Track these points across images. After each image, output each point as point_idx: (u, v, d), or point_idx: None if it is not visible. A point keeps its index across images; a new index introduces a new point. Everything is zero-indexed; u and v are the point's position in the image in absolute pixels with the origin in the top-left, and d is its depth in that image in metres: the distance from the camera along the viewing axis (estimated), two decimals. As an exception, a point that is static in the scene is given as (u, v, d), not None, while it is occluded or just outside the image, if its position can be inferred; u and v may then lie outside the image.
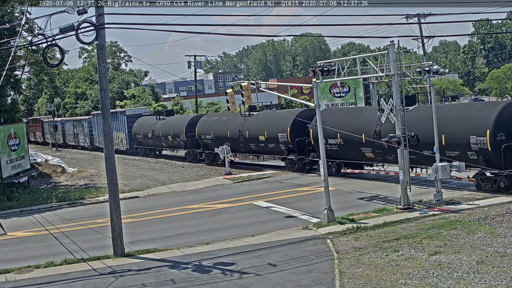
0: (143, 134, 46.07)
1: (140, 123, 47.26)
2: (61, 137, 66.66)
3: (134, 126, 47.37)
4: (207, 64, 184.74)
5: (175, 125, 41.44)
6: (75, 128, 62.45)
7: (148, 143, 46.10)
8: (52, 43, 15.66)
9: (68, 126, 65.06)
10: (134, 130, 47.42)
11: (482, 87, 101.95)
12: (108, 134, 16.48)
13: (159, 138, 43.34)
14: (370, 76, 23.12)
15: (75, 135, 62.49)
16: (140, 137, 46.87)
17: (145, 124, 46.14)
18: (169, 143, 42.72)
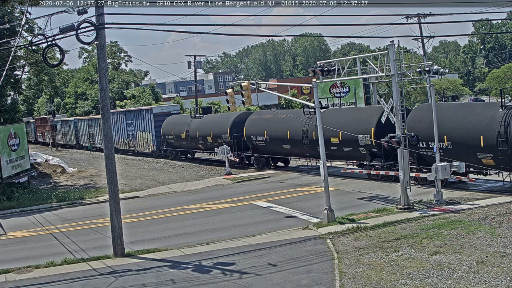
0: (174, 135, 40.81)
1: (170, 122, 42.10)
2: (74, 137, 62.09)
3: (164, 126, 42.20)
4: (207, 64, 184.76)
5: (216, 124, 36.41)
6: (90, 128, 57.27)
7: (181, 144, 40.98)
8: (52, 43, 15.65)
9: (82, 126, 59.94)
10: (163, 130, 42.21)
11: (482, 87, 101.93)
12: (108, 134, 16.49)
13: (195, 139, 38.32)
14: (370, 76, 23.15)
15: (90, 136, 57.46)
16: (170, 138, 41.55)
17: (177, 124, 41.09)
18: (207, 145, 37.33)
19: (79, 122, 61.18)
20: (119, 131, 49.39)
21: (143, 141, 45.43)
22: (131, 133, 47.14)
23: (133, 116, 46.81)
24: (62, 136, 66.26)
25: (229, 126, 34.54)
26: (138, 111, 46.08)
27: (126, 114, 48.28)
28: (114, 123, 48.93)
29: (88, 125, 57.62)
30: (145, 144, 45.30)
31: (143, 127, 45.18)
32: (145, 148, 45.45)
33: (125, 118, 48.08)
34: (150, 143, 44.49)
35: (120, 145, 49.30)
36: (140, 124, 45.38)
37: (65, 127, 65.12)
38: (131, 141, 47.34)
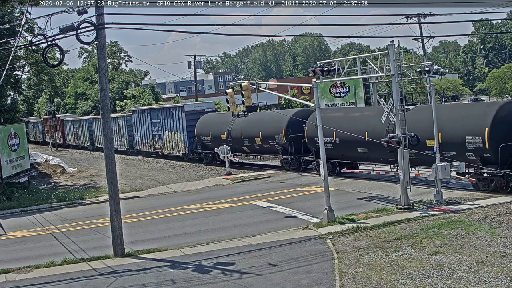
0: (212, 136, 36.10)
1: (206, 121, 37.44)
2: (88, 138, 57.95)
3: (198, 126, 37.65)
4: (207, 64, 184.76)
5: (267, 124, 31.90)
6: None
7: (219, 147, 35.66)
8: (52, 43, 15.66)
9: (98, 126, 54.49)
10: (198, 131, 37.61)
11: (482, 87, 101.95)
12: (108, 134, 16.48)
13: (239, 141, 33.93)
14: (370, 76, 23.16)
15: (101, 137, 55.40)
16: (207, 139, 36.77)
17: (216, 123, 36.45)
18: (255, 148, 33.14)
19: (94, 122, 56.38)
20: (142, 132, 45.28)
21: (172, 142, 40.85)
22: (157, 133, 42.76)
23: (160, 115, 42.06)
24: (74, 137, 62.16)
25: (285, 126, 30.22)
26: (167, 109, 41.80)
27: (152, 113, 43.81)
28: (136, 123, 45.87)
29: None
30: (174, 146, 40.65)
31: (172, 127, 40.54)
32: (175, 150, 40.78)
33: (149, 117, 43.75)
34: (180, 144, 39.87)
35: (144, 147, 45.48)
36: (168, 123, 40.90)
37: (78, 127, 61.01)
38: (157, 142, 43.07)
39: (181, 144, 39.69)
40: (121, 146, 49.96)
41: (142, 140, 45.39)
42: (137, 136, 46.45)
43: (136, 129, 46.28)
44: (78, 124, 60.68)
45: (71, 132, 62.57)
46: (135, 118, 46.35)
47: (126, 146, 49.06)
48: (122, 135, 49.62)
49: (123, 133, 49.26)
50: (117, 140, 50.06)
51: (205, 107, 40.57)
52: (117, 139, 49.86)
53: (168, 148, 41.42)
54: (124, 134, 48.95)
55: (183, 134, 39.21)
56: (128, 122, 47.99)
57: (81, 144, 60.02)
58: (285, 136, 30.13)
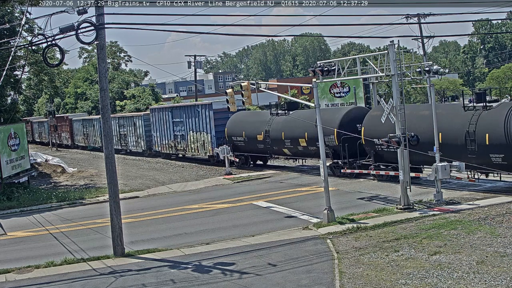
0: (246, 136, 32.78)
1: (239, 120, 34.01)
2: (99, 139, 53.29)
3: (229, 125, 34.22)
4: (207, 64, 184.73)
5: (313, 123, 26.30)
6: (121, 128, 48.91)
7: (255, 148, 32.82)
8: (52, 43, 15.67)
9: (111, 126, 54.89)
10: (228, 130, 34.20)
11: (482, 87, 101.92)
12: (108, 134, 16.49)
13: (279, 142, 30.50)
14: (370, 76, 23.18)
15: (121, 137, 49.47)
16: (239, 140, 33.43)
17: (251, 122, 33.03)
18: (298, 150, 29.50)
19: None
20: (162, 132, 42.01)
21: (197, 143, 37.46)
22: (179, 133, 39.62)
23: (184, 113, 38.65)
24: (83, 138, 58.59)
25: (337, 125, 26.71)
26: (191, 107, 38.51)
27: (173, 111, 40.43)
28: (156, 122, 42.62)
29: (119, 125, 49.24)
30: (200, 148, 37.28)
31: (197, 127, 37.29)
32: (200, 152, 37.46)
33: (171, 116, 40.38)
34: (207, 146, 36.25)
35: (164, 148, 42.08)
36: (193, 122, 37.63)
37: (88, 127, 57.21)
38: (179, 143, 39.81)
39: (208, 146, 36.25)
40: (137, 147, 46.61)
41: (162, 141, 42.14)
42: (155, 137, 43.13)
43: (155, 129, 43.01)
44: (89, 124, 56.87)
45: (81, 133, 59.25)
46: (154, 117, 42.82)
47: (143, 147, 45.57)
48: (139, 135, 46.00)
49: (140, 133, 45.70)
50: (133, 141, 46.96)
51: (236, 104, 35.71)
52: (132, 140, 47.00)
53: (193, 149, 38.03)
54: (141, 134, 45.50)
55: (211, 135, 35.86)
56: (145, 122, 44.57)
57: (91, 145, 56.43)
58: (336, 138, 26.69)
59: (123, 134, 48.78)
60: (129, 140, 47.74)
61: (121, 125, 48.95)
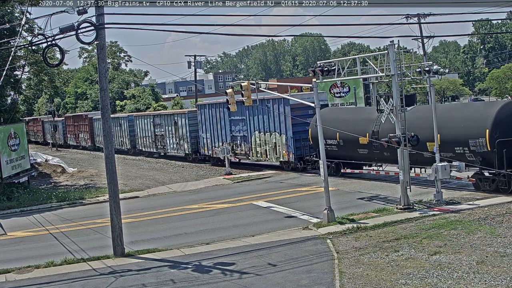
0: (342, 139, 26.37)
1: (329, 118, 27.10)
2: (127, 140, 49.06)
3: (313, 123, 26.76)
4: (207, 64, 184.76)
5: (451, 123, 21.85)
6: (157, 128, 43.36)
7: (356, 154, 26.10)
8: (52, 43, 15.67)
9: (141, 125, 46.00)
10: (314, 131, 26.58)
11: (482, 87, 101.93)
12: (108, 134, 16.49)
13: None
14: (370, 76, 23.09)
15: (156, 139, 43.66)
16: (331, 143, 26.95)
17: (348, 121, 26.51)
18: (424, 157, 22.11)
19: (138, 120, 47.08)
20: (214, 132, 36.13)
21: (265, 146, 31.53)
22: (239, 134, 33.89)
23: (246, 110, 32.75)
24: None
25: (489, 126, 20.38)
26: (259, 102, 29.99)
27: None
28: (205, 121, 36.87)
29: (154, 124, 43.82)
30: (269, 152, 31.38)
31: (266, 126, 31.33)
32: (270, 157, 31.54)
33: (228, 113, 34.18)
34: (281, 149, 30.41)
35: (215, 153, 36.12)
36: (260, 121, 31.67)
37: (113, 127, 49.59)
38: (238, 146, 34.08)
39: (281, 149, 30.32)
40: (179, 150, 40.74)
41: (213, 143, 36.31)
42: (205, 138, 37.17)
43: (205, 129, 37.05)
44: (115, 123, 50.00)
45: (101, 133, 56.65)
46: (203, 115, 36.85)
47: (186, 150, 39.39)
48: (181, 136, 39.84)
49: (183, 134, 39.61)
50: (173, 143, 41.00)
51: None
52: (172, 142, 41.13)
53: (259, 153, 32.20)
54: (184, 135, 39.38)
55: (287, 136, 29.86)
56: (191, 120, 38.55)
57: (117, 147, 50.20)
58: (488, 141, 20.29)
59: (160, 135, 42.99)
60: (167, 142, 41.74)
61: (157, 125, 43.29)
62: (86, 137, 57.66)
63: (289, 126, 29.79)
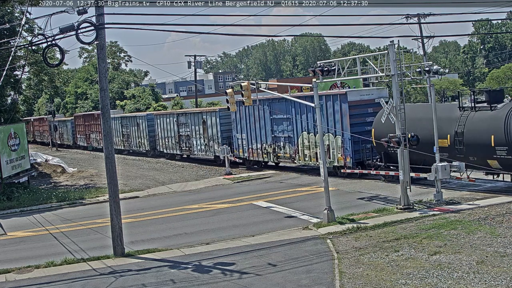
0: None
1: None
2: (146, 142, 44.86)
3: (380, 123, 22.75)
4: (207, 64, 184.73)
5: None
6: (181, 128, 39.68)
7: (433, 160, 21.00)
8: (52, 43, 15.68)
9: (164, 125, 41.97)
10: (378, 132, 24.09)
11: (482, 87, 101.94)
12: (108, 134, 16.49)
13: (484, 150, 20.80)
14: (370, 76, 23.12)
15: (180, 139, 39.85)
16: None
17: (422, 120, 23.01)
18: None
19: (159, 119, 43.02)
20: (252, 132, 32.70)
21: (316, 149, 27.79)
22: (283, 135, 30.35)
23: (292, 107, 29.13)
24: (122, 140, 49.42)
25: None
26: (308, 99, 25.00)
27: (274, 104, 30.86)
28: (240, 119, 33.59)
29: (178, 123, 39.92)
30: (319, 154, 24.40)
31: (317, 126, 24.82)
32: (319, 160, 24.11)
33: (269, 111, 31.09)
34: (335, 153, 26.77)
35: (254, 154, 32.77)
36: (310, 120, 28.17)
37: (130, 127, 47.82)
38: (282, 148, 30.57)
39: (336, 152, 26.79)
40: (207, 152, 37.14)
41: (251, 144, 32.95)
42: (240, 139, 33.80)
43: (240, 129, 33.69)
44: (131, 123, 47.22)
45: (118, 133, 49.50)
46: (238, 113, 33.50)
47: (216, 152, 35.74)
48: (210, 137, 36.33)
49: (212, 134, 36.10)
50: (200, 144, 37.51)
51: (375, 95, 26.49)
52: (199, 143, 37.60)
53: (307, 156, 28.74)
54: (214, 135, 35.93)
55: (343, 137, 26.33)
56: (223, 119, 35.27)
57: (134, 148, 47.38)
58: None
59: (185, 135, 39.27)
60: (194, 143, 38.27)
61: (181, 124, 39.66)
62: (98, 137, 53.05)
63: (347, 126, 26.08)
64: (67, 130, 63.85)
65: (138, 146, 46.87)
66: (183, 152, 40.50)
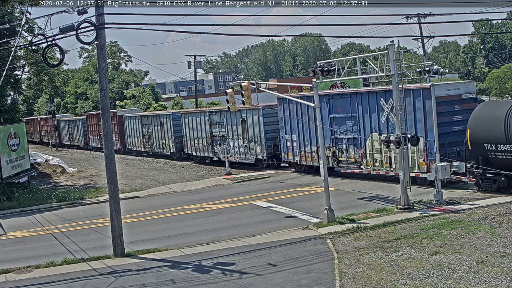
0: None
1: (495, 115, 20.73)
2: (170, 142, 41.43)
3: (475, 123, 21.04)
4: (207, 64, 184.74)
5: None
6: (214, 127, 35.93)
7: None
8: (52, 43, 15.69)
9: (191, 124, 38.45)
10: (474, 133, 21.00)
11: (482, 87, 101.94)
12: (108, 134, 16.50)
13: None
14: (370, 76, 23.15)
15: (213, 140, 36.13)
16: (503, 150, 20.21)
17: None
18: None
19: (187, 118, 39.19)
20: (305, 133, 28.98)
21: (389, 153, 23.98)
22: (346, 137, 26.45)
23: (357, 105, 25.53)
24: (140, 140, 45.64)
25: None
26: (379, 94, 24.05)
27: (334, 101, 27.13)
28: (290, 118, 29.97)
29: (212, 123, 36.22)
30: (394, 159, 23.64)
31: (392, 126, 23.28)
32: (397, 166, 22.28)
33: (327, 109, 27.18)
34: (416, 157, 22.99)
35: (306, 158, 29.09)
36: (382, 119, 24.29)
37: (151, 126, 43.84)
38: (344, 152, 26.46)
39: (416, 157, 23.08)
40: (248, 155, 33.37)
41: (303, 146, 29.32)
42: (289, 141, 30.08)
43: (289, 129, 29.91)
44: (153, 122, 43.68)
45: (137, 133, 46.11)
46: (288, 111, 29.90)
47: (260, 155, 32.27)
48: (251, 138, 32.71)
49: (254, 134, 32.46)
50: (238, 147, 33.83)
51: (462, 90, 23.20)
52: (238, 145, 33.85)
53: (377, 162, 24.79)
54: (256, 136, 32.34)
55: (426, 139, 22.55)
56: (267, 118, 31.64)
57: (156, 150, 43.67)
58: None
59: (220, 136, 35.51)
60: (230, 144, 34.45)
61: (214, 123, 36.00)
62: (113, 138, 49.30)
63: (432, 127, 21.97)
64: (77, 130, 60.12)
65: (161, 147, 42.98)
66: (217, 154, 36.39)
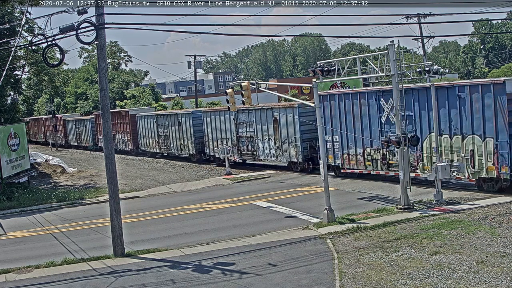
0: None
1: None
2: (189, 143, 38.75)
3: None
4: (207, 64, 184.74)
5: None
6: (241, 127, 33.46)
7: None
8: (52, 43, 15.69)
9: (214, 124, 35.86)
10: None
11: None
12: (108, 134, 16.50)
13: None
14: (370, 76, 23.11)
15: (239, 141, 33.55)
16: None
17: None
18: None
19: (209, 117, 36.47)
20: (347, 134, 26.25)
21: (452, 156, 21.75)
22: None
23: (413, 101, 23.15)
24: (155, 141, 43.35)
25: None
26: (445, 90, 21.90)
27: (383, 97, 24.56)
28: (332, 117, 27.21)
29: (236, 122, 33.74)
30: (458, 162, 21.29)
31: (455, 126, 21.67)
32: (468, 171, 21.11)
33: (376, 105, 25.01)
34: (484, 160, 20.72)
35: (350, 161, 26.43)
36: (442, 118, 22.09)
37: (168, 126, 41.30)
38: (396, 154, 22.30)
39: (484, 160, 20.70)
40: (280, 157, 30.84)
41: (346, 148, 26.58)
42: (330, 142, 27.08)
43: (329, 129, 27.00)
44: (170, 122, 41.00)
45: (152, 134, 43.68)
46: (329, 109, 27.20)
47: (294, 157, 29.70)
48: (284, 139, 30.15)
49: (288, 135, 29.86)
50: (269, 148, 31.31)
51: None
52: (267, 146, 31.40)
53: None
54: (290, 137, 29.70)
55: (496, 140, 20.27)
56: (302, 117, 28.53)
57: (173, 151, 41.14)
58: None
59: (247, 137, 32.98)
60: (259, 145, 31.93)
61: (240, 123, 33.47)
62: (125, 138, 46.83)
63: (503, 126, 20.05)
64: (85, 131, 57.51)
65: (179, 149, 40.36)
66: (244, 156, 34.03)
